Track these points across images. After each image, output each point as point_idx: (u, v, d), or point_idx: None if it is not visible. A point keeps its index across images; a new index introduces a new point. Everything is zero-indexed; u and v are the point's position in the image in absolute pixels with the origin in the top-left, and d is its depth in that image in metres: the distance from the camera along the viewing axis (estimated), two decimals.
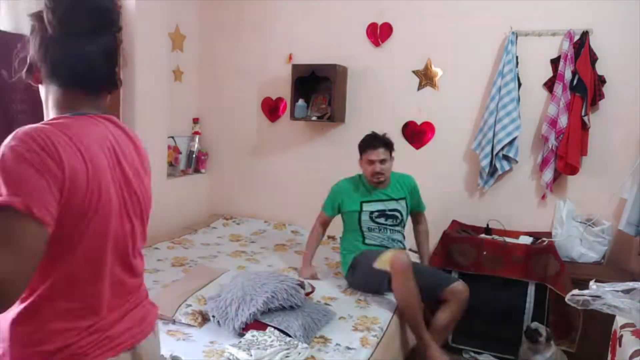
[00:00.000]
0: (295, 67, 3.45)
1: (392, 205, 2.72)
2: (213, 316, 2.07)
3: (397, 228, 2.75)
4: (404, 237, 2.82)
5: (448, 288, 2.53)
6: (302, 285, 2.26)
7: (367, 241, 2.73)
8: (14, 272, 0.82)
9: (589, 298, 1.63)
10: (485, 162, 3.11)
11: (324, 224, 2.85)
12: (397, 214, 2.73)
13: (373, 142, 2.62)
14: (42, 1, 0.97)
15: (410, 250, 3.28)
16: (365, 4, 3.44)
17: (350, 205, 2.72)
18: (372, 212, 2.71)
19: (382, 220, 2.71)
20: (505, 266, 2.80)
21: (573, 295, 1.68)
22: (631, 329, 1.67)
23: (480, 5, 3.16)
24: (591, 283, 1.70)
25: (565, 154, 2.91)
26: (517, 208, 3.19)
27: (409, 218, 2.88)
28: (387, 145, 2.64)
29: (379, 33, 3.43)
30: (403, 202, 2.75)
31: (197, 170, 4.01)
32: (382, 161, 2.61)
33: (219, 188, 4.08)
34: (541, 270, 2.74)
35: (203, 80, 4.01)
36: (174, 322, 2.11)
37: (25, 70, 1.04)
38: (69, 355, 0.94)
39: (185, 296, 2.21)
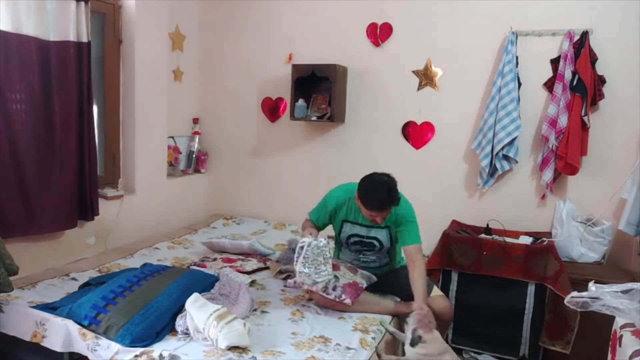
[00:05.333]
0: (295, 67, 3.45)
1: (370, 232, 2.49)
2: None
3: (369, 253, 2.57)
4: (386, 257, 2.61)
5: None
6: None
7: (341, 255, 2.69)
8: None
9: (588, 300, 1.63)
10: (485, 162, 3.11)
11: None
12: (375, 242, 2.50)
13: (382, 205, 2.24)
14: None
15: None
16: (365, 4, 3.44)
17: (336, 221, 2.58)
18: (349, 237, 2.53)
19: (357, 247, 2.56)
20: (505, 266, 2.80)
21: (572, 297, 1.68)
22: (631, 329, 1.67)
23: (480, 5, 3.16)
24: (590, 284, 1.70)
25: (565, 154, 2.91)
26: (517, 208, 3.19)
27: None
28: (394, 204, 2.28)
29: (379, 33, 3.43)
30: (385, 231, 2.48)
31: (197, 170, 4.02)
32: (383, 216, 2.31)
33: (219, 188, 4.09)
34: (541, 270, 2.74)
35: (203, 80, 4.01)
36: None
37: None
38: None
39: None
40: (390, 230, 2.49)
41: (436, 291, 2.54)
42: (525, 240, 2.93)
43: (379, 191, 2.23)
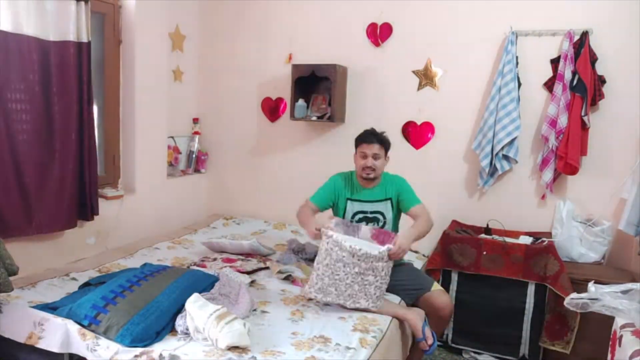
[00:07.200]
0: (295, 67, 3.45)
1: (374, 207, 2.66)
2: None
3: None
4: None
5: (424, 295, 2.51)
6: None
7: None
8: None
9: (588, 300, 1.63)
10: (485, 162, 3.11)
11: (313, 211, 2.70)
12: (379, 215, 2.66)
13: (369, 137, 2.60)
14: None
15: (410, 250, 3.30)
16: (365, 4, 3.44)
17: (340, 202, 2.71)
18: (354, 215, 2.66)
19: (362, 223, 2.63)
20: (505, 266, 2.81)
21: (572, 298, 1.68)
22: (631, 329, 1.67)
23: (480, 5, 3.16)
24: (590, 285, 1.71)
25: (565, 154, 2.91)
26: (517, 208, 3.19)
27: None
28: (383, 142, 2.61)
29: (379, 33, 3.43)
30: (387, 203, 2.66)
31: (197, 170, 4.02)
32: (375, 156, 2.57)
33: (219, 188, 4.09)
34: (541, 270, 2.74)
35: (203, 80, 4.01)
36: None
37: None
38: None
39: None
40: (392, 202, 2.65)
41: (436, 286, 2.56)
42: (525, 240, 2.93)
43: (369, 129, 2.68)
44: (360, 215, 2.67)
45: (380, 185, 2.67)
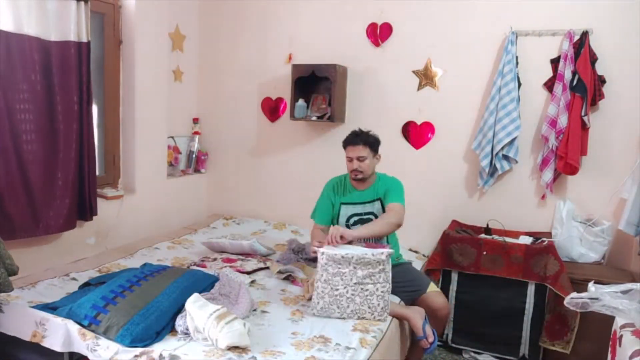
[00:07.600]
0: (295, 67, 3.45)
1: (366, 208, 2.65)
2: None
3: None
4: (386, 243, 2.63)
5: (422, 296, 2.51)
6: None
7: None
8: None
9: (588, 300, 1.63)
10: (485, 162, 3.11)
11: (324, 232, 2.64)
12: (372, 217, 2.62)
13: (352, 139, 2.57)
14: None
15: (410, 250, 3.30)
16: (365, 4, 3.44)
17: (335, 207, 2.70)
18: (348, 218, 2.65)
19: (357, 226, 2.59)
20: (505, 266, 2.81)
21: (572, 298, 1.68)
22: (631, 329, 1.67)
23: (480, 5, 3.16)
24: (590, 285, 1.71)
25: (565, 154, 2.91)
26: (517, 208, 3.19)
27: None
28: (368, 142, 2.56)
29: (379, 33, 3.43)
30: (378, 203, 2.64)
31: (197, 170, 4.02)
32: (360, 158, 2.54)
33: (219, 188, 4.09)
34: (541, 270, 2.74)
35: (203, 80, 4.01)
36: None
37: None
38: None
39: None
40: (382, 202, 2.63)
41: (432, 287, 2.56)
42: (525, 240, 2.93)
43: (354, 130, 2.66)
44: (356, 218, 2.65)
45: (373, 186, 2.67)
